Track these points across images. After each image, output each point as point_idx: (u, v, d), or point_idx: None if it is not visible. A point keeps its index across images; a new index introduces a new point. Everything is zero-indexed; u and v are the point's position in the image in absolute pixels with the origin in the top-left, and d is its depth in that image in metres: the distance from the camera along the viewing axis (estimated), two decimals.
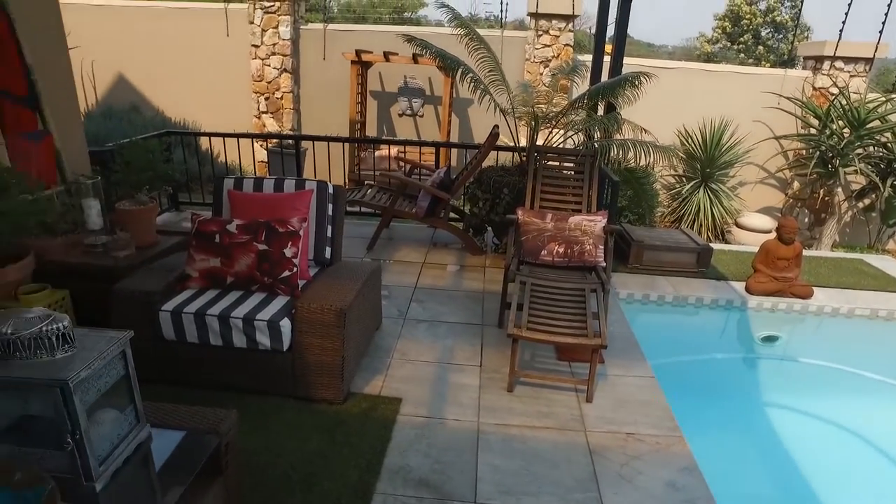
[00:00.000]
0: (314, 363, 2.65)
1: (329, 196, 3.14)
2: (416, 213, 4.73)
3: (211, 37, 9.11)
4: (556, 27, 8.35)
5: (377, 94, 9.26)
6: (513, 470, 2.38)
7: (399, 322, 3.60)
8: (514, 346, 2.93)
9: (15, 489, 1.46)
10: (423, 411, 2.73)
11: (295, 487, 2.20)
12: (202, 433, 1.89)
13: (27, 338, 1.53)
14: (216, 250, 2.79)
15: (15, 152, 3.47)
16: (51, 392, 1.51)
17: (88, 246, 3.23)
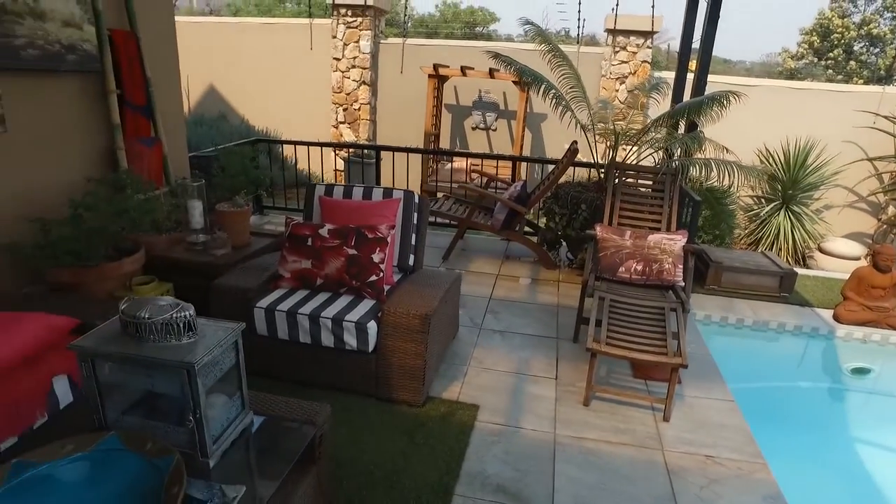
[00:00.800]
0: (397, 365, 2.75)
1: (415, 205, 3.26)
2: (493, 226, 4.81)
3: (295, 50, 9.56)
4: (634, 43, 8.29)
5: (451, 108, 9.44)
6: (590, 483, 2.39)
7: (475, 331, 3.66)
8: (591, 361, 2.94)
9: (148, 457, 1.62)
10: (500, 419, 2.78)
11: (378, 484, 2.30)
12: (300, 423, 2.02)
13: (160, 323, 1.70)
14: (308, 253, 2.95)
15: (131, 156, 3.78)
16: (178, 373, 1.67)
17: (190, 244, 3.48)
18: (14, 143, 3.12)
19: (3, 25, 2.93)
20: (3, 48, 2.94)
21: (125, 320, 1.74)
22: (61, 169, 3.42)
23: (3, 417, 2.06)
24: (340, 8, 8.97)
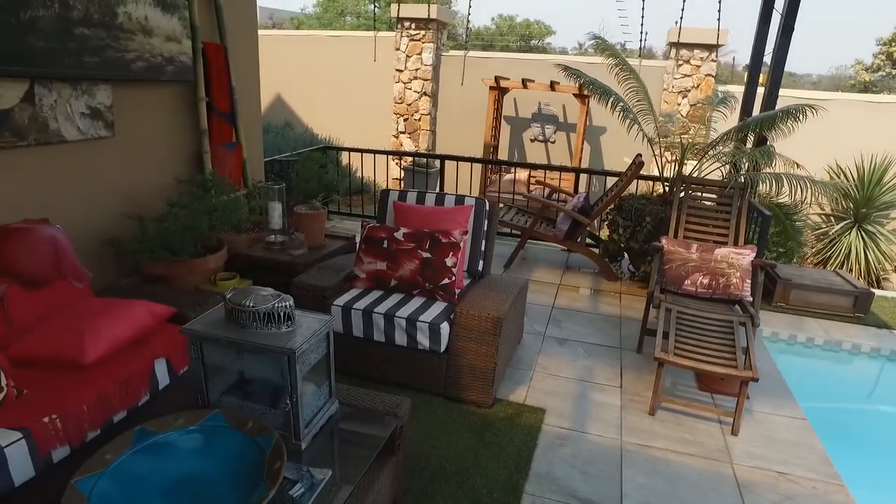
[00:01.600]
0: (467, 366, 2.84)
1: (485, 213, 3.35)
2: (556, 236, 4.85)
3: (359, 62, 9.87)
4: (698, 57, 8.19)
5: (510, 120, 9.53)
6: (658, 490, 2.40)
7: (538, 338, 3.72)
8: (658, 371, 2.95)
9: (249, 434, 1.75)
10: (567, 423, 2.82)
11: (450, 478, 2.38)
12: (382, 414, 2.12)
13: (262, 311, 1.84)
14: (383, 255, 3.08)
15: (215, 159, 4.03)
16: (279, 358, 1.81)
17: (269, 243, 3.67)
18: (119, 146, 3.39)
19: (119, 42, 3.20)
20: (118, 62, 3.22)
21: (230, 308, 1.89)
22: (156, 170, 3.69)
23: (116, 393, 2.25)
24: (405, 21, 9.22)
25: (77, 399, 2.12)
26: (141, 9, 3.35)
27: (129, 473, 1.62)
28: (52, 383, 2.19)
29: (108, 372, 2.27)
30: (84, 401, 2.13)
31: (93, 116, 3.21)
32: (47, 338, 2.35)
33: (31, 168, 2.94)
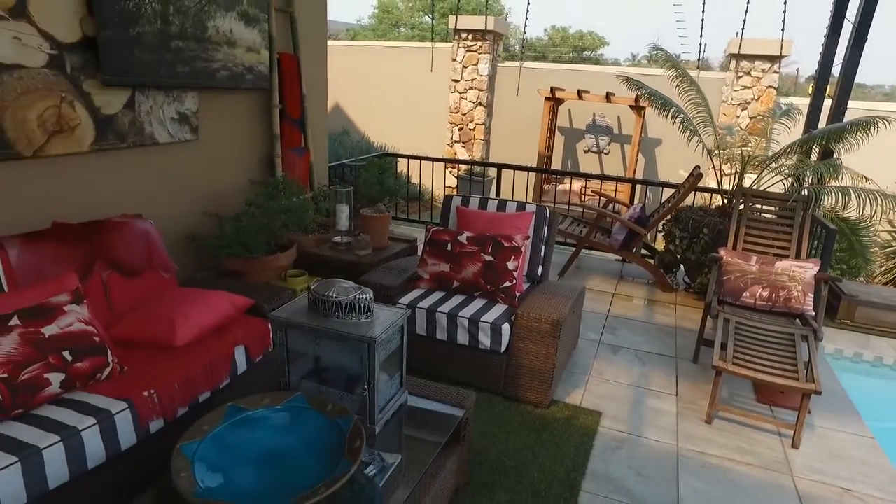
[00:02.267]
0: (527, 367, 2.93)
1: (545, 220, 3.44)
2: (611, 245, 4.88)
3: (416, 72, 10.11)
4: (760, 68, 8.05)
5: (564, 130, 9.57)
6: (715, 497, 2.42)
7: (594, 345, 3.76)
8: (716, 380, 2.96)
9: (329, 416, 1.89)
10: (623, 427, 2.87)
11: (508, 472, 2.47)
12: (450, 405, 2.24)
13: (344, 302, 1.98)
14: (447, 257, 3.21)
15: (285, 163, 4.26)
16: (360, 346, 1.94)
17: (335, 243, 3.86)
18: (202, 149, 3.65)
19: (207, 53, 3.46)
20: (205, 71, 3.47)
21: (314, 298, 2.04)
22: (232, 172, 3.93)
23: (202, 375, 2.44)
24: (462, 32, 9.41)
25: (170, 377, 2.31)
26: (227, 23, 3.60)
27: (222, 443, 1.79)
28: (147, 362, 2.39)
29: (195, 355, 2.47)
30: (176, 379, 2.33)
31: (181, 121, 3.46)
32: (143, 322, 2.57)
33: (128, 168, 3.21)
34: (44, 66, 2.69)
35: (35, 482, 1.86)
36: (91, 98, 2.93)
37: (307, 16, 4.45)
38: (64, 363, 2.16)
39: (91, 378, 2.24)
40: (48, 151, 2.78)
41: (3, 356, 2.03)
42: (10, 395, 2.00)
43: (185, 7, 3.29)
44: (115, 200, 3.13)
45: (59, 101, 2.79)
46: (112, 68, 2.95)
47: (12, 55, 2.56)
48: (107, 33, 2.89)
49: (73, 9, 2.77)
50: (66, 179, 2.92)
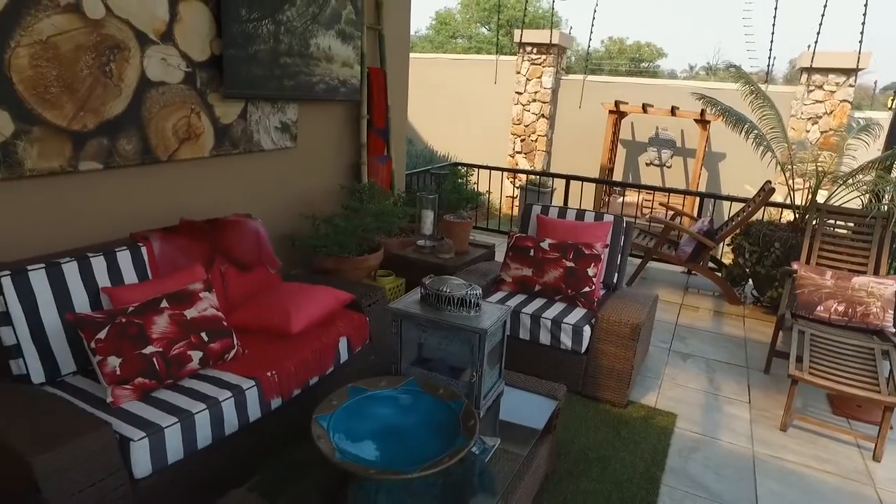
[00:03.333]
0: (605, 367, 3.08)
1: (622, 229, 3.60)
2: (679, 257, 4.97)
3: (480, 84, 10.36)
4: (833, 82, 7.93)
5: (626, 143, 9.63)
6: (793, 499, 2.52)
7: (664, 352, 3.88)
8: (791, 388, 3.04)
9: (441, 399, 2.11)
10: (698, 429, 2.98)
11: (591, 463, 2.63)
12: (543, 396, 2.43)
13: (456, 297, 2.20)
14: (529, 262, 3.40)
15: (370, 170, 4.55)
16: (472, 336, 2.15)
17: (419, 247, 4.10)
18: (299, 155, 3.96)
19: (309, 68, 3.78)
20: (306, 84, 3.79)
21: (426, 293, 2.27)
22: (324, 177, 4.24)
23: (313, 361, 2.71)
24: (526, 46, 9.61)
25: (286, 361, 2.58)
26: (327, 40, 3.91)
27: (349, 418, 2.02)
28: (264, 347, 2.67)
29: (307, 343, 2.73)
30: (292, 363, 2.60)
31: (283, 130, 3.79)
32: (260, 311, 2.86)
33: (239, 172, 3.54)
34: (181, 82, 3.04)
35: (189, 441, 2.15)
36: (213, 109, 3.27)
37: (393, 32, 4.74)
38: (202, 343, 2.46)
39: (220, 358, 2.53)
40: (178, 156, 3.12)
41: (159, 333, 2.34)
42: (164, 367, 2.31)
43: (293, 27, 3.61)
44: (227, 201, 3.46)
45: (189, 112, 3.13)
46: (232, 83, 3.28)
47: (160, 74, 2.91)
48: (230, 52, 3.22)
49: (205, 32, 3.11)
50: (189, 181, 3.26)
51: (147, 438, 2.02)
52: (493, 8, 26.97)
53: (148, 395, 2.26)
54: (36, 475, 1.76)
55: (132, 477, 2.00)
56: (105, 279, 2.54)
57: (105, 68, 2.68)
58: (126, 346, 2.25)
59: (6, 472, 1.82)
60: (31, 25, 2.39)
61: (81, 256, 2.50)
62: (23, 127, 2.43)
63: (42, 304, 2.32)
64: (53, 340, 2.35)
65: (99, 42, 2.64)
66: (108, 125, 2.74)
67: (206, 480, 2.25)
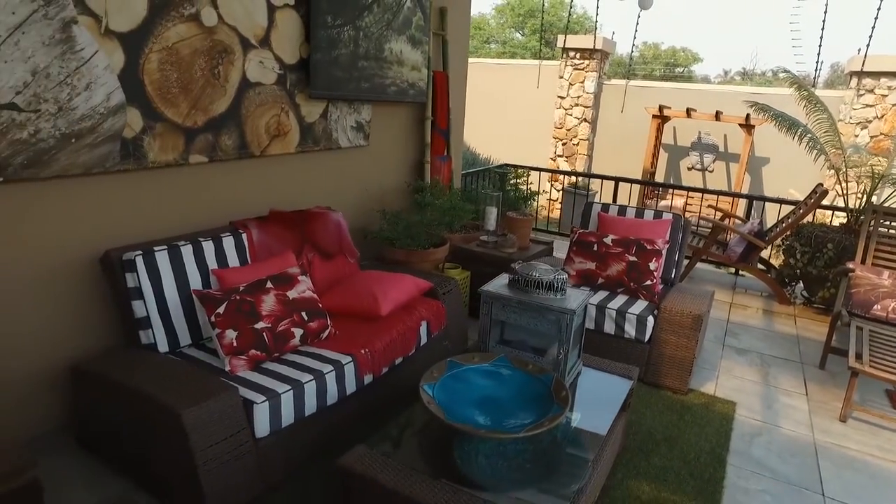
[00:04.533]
0: (668, 356, 3.24)
1: (681, 227, 3.75)
2: (729, 257, 5.08)
3: (523, 88, 10.54)
4: (885, 86, 7.89)
5: (668, 147, 9.70)
6: (859, 483, 2.64)
7: (718, 346, 4.01)
8: (851, 381, 3.15)
9: (531, 373, 2.30)
10: (758, 416, 3.12)
11: (659, 442, 2.80)
12: (619, 377, 2.60)
13: (545, 281, 2.40)
14: (592, 256, 3.57)
15: (433, 169, 4.77)
16: (560, 316, 2.35)
17: (482, 241, 4.31)
18: (371, 153, 4.20)
19: (382, 71, 4.02)
20: (379, 87, 4.03)
21: (516, 278, 2.48)
22: (392, 174, 4.48)
23: (399, 342, 2.93)
24: (570, 51, 9.77)
25: (376, 341, 2.80)
26: (399, 45, 4.15)
27: (450, 387, 2.23)
28: (354, 328, 2.90)
29: (393, 325, 2.95)
30: (381, 343, 2.82)
31: (357, 129, 4.03)
32: (347, 295, 3.09)
33: (318, 167, 3.79)
34: (273, 83, 3.30)
35: (299, 408, 2.38)
36: (299, 109, 3.53)
37: (454, 38, 4.97)
38: (303, 321, 2.70)
39: (317, 336, 2.76)
40: (269, 152, 3.38)
41: (267, 311, 2.59)
42: (273, 341, 2.55)
43: (370, 33, 3.86)
44: (309, 194, 3.72)
45: (279, 111, 3.39)
46: (318, 84, 3.53)
47: (258, 75, 3.18)
48: (316, 56, 3.47)
49: (296, 37, 3.37)
50: (277, 175, 3.52)
51: (267, 402, 2.26)
52: (527, 14, 27.15)
53: (259, 366, 2.51)
54: (185, 426, 2.01)
55: (254, 436, 2.24)
56: (213, 262, 2.80)
57: (214, 70, 2.95)
58: (241, 321, 2.50)
59: (162, 423, 2.07)
60: (161, 34, 2.66)
61: (194, 240, 2.76)
62: (149, 123, 2.70)
63: (165, 282, 2.59)
64: (174, 315, 2.61)
65: (211, 47, 2.91)
66: (213, 122, 3.01)
67: (309, 446, 2.49)
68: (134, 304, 2.51)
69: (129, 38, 2.55)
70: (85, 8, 2.38)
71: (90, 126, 2.49)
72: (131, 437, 2.30)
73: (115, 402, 2.30)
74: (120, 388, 2.22)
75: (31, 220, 2.39)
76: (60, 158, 2.40)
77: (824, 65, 25.82)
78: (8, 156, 2.23)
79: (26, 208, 2.37)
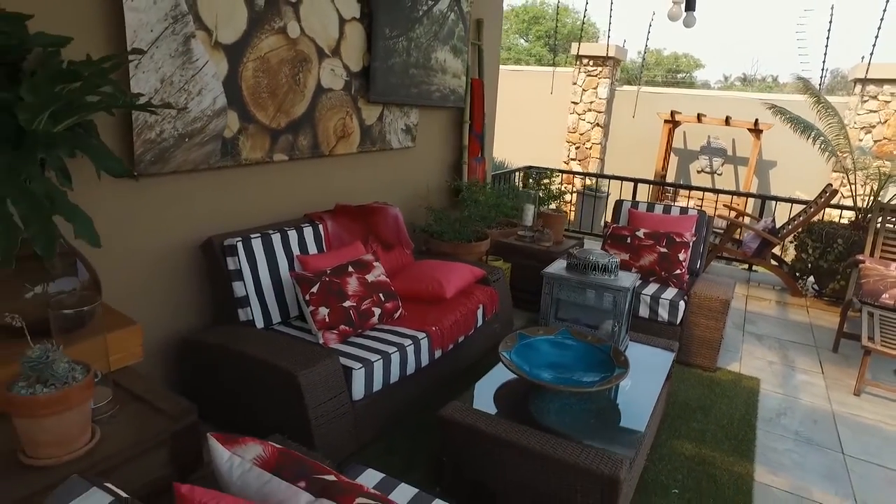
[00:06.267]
0: (697, 337, 3.59)
1: (705, 222, 4.10)
2: (744, 253, 5.43)
3: (537, 94, 10.91)
4: (888, 92, 8.27)
5: (678, 151, 10.07)
6: (876, 445, 2.98)
7: (738, 332, 4.35)
8: (864, 359, 3.50)
9: (590, 343, 2.65)
10: (780, 391, 3.47)
11: (694, 410, 3.14)
12: (662, 349, 2.95)
13: (601, 264, 2.74)
14: (626, 248, 3.92)
15: (469, 169, 5.12)
16: (616, 293, 2.69)
17: (520, 236, 4.66)
18: (417, 154, 4.56)
19: (429, 78, 4.37)
20: (426, 93, 4.38)
21: (573, 262, 2.82)
22: (434, 173, 4.83)
23: (462, 322, 3.27)
24: (583, 59, 10.15)
25: (444, 321, 3.14)
26: (443, 54, 4.51)
27: (523, 354, 2.57)
28: (422, 310, 3.23)
29: (456, 307, 3.29)
30: (448, 323, 3.16)
31: (406, 132, 4.38)
32: (411, 281, 3.43)
33: (375, 166, 4.14)
34: (341, 89, 3.65)
35: (386, 375, 2.72)
36: (361, 112, 3.87)
37: (489, 48, 5.33)
38: (380, 302, 3.04)
39: (391, 316, 3.10)
40: (335, 152, 3.72)
41: (353, 291, 2.93)
42: (357, 318, 2.89)
43: (420, 43, 4.21)
44: (367, 190, 4.06)
45: (345, 114, 3.74)
46: (377, 90, 3.88)
47: (329, 82, 3.53)
48: (376, 64, 3.82)
49: (360, 46, 3.72)
50: (341, 172, 3.86)
51: (363, 368, 2.60)
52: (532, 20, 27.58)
53: (347, 340, 2.85)
54: (301, 385, 2.35)
55: (352, 398, 2.58)
56: (297, 249, 3.15)
57: (296, 77, 3.30)
58: (332, 300, 2.85)
59: (280, 384, 2.41)
60: (256, 45, 3.01)
61: (281, 229, 3.11)
62: (243, 125, 3.05)
63: (259, 266, 2.93)
64: (267, 295, 2.96)
65: (294, 56, 3.26)
66: (293, 124, 3.36)
67: (393, 410, 2.83)
68: (234, 285, 2.85)
69: (232, 48, 2.90)
70: (201, 24, 2.72)
71: (200, 127, 2.83)
72: (247, 400, 2.63)
73: (233, 368, 2.63)
74: (241, 356, 2.55)
75: (152, 211, 2.73)
76: (177, 155, 2.74)
77: (826, 72, 26.28)
78: (141, 153, 2.57)
79: (150, 200, 2.71)
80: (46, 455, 1.65)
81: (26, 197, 1.56)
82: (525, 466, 2.06)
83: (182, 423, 2.01)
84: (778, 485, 2.60)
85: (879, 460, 2.86)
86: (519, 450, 2.05)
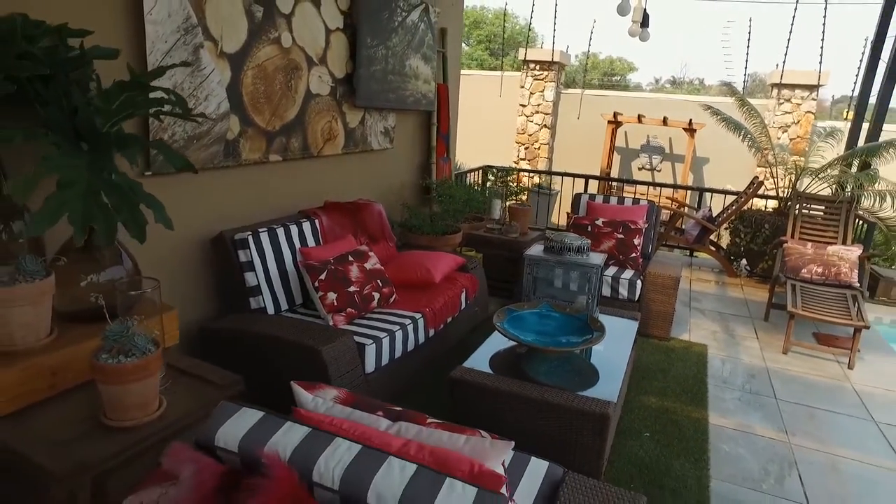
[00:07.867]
0: (654, 311, 4.08)
1: (654, 211, 4.62)
2: (686, 239, 6.04)
3: (486, 97, 11.37)
4: (799, 96, 9.19)
5: (620, 150, 10.76)
6: (799, 391, 3.55)
7: (686, 308, 4.91)
8: (789, 322, 4.08)
9: (569, 314, 3.06)
10: (724, 353, 4.01)
11: (656, 371, 3.62)
12: (628, 319, 3.40)
13: (575, 245, 3.17)
14: (587, 235, 4.38)
15: (437, 169, 5.49)
16: (589, 270, 3.12)
17: (489, 229, 5.05)
18: (394, 155, 4.89)
19: (404, 84, 4.71)
20: (401, 97, 4.72)
21: (550, 245, 3.24)
22: (407, 172, 5.17)
23: (449, 304, 3.63)
24: (530, 63, 10.70)
25: (435, 303, 3.49)
26: (416, 62, 4.86)
27: (513, 324, 2.96)
28: (413, 295, 3.57)
29: (444, 291, 3.65)
30: (439, 304, 3.51)
31: (384, 134, 4.70)
32: (401, 270, 3.76)
33: (357, 166, 4.44)
34: (328, 94, 3.94)
35: (392, 351, 3.04)
36: (345, 116, 4.17)
37: (452, 55, 5.71)
38: (378, 287, 3.36)
39: (387, 300, 3.43)
40: (323, 153, 4.01)
41: (356, 277, 3.24)
42: (360, 301, 3.20)
43: (397, 52, 4.55)
44: (350, 189, 4.36)
45: (331, 118, 4.03)
46: (360, 95, 4.19)
47: (317, 87, 3.81)
48: (359, 71, 4.13)
49: (344, 55, 4.03)
50: (328, 172, 4.15)
51: (374, 345, 2.92)
52: (472, 25, 28.21)
53: (353, 321, 3.15)
54: (325, 359, 2.65)
55: (365, 371, 2.89)
56: (297, 242, 3.42)
57: (289, 83, 3.58)
58: (338, 285, 3.15)
59: (306, 359, 2.69)
60: (255, 54, 3.28)
61: (283, 224, 3.38)
62: (243, 128, 3.30)
63: (268, 257, 3.20)
64: (275, 284, 3.22)
65: (287, 64, 3.53)
66: (286, 127, 3.63)
67: (398, 382, 3.16)
68: (247, 276, 3.10)
69: (234, 57, 3.15)
70: (209, 35, 2.98)
71: (206, 130, 3.07)
72: (266, 379, 2.89)
73: (253, 350, 2.88)
74: (264, 338, 2.81)
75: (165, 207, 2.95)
76: (187, 156, 2.97)
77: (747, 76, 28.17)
78: (155, 154, 2.80)
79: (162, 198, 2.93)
80: (130, 417, 1.89)
81: (115, 189, 1.82)
82: (526, 413, 2.44)
83: (232, 391, 2.28)
84: (727, 425, 3.09)
85: (803, 401, 3.42)
86: (522, 399, 2.43)
